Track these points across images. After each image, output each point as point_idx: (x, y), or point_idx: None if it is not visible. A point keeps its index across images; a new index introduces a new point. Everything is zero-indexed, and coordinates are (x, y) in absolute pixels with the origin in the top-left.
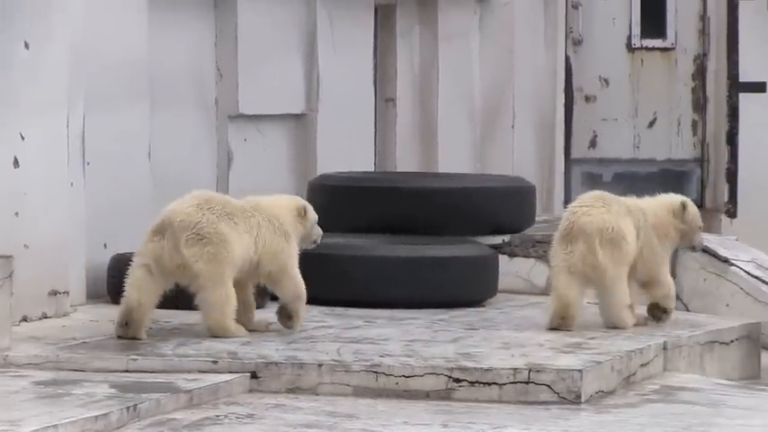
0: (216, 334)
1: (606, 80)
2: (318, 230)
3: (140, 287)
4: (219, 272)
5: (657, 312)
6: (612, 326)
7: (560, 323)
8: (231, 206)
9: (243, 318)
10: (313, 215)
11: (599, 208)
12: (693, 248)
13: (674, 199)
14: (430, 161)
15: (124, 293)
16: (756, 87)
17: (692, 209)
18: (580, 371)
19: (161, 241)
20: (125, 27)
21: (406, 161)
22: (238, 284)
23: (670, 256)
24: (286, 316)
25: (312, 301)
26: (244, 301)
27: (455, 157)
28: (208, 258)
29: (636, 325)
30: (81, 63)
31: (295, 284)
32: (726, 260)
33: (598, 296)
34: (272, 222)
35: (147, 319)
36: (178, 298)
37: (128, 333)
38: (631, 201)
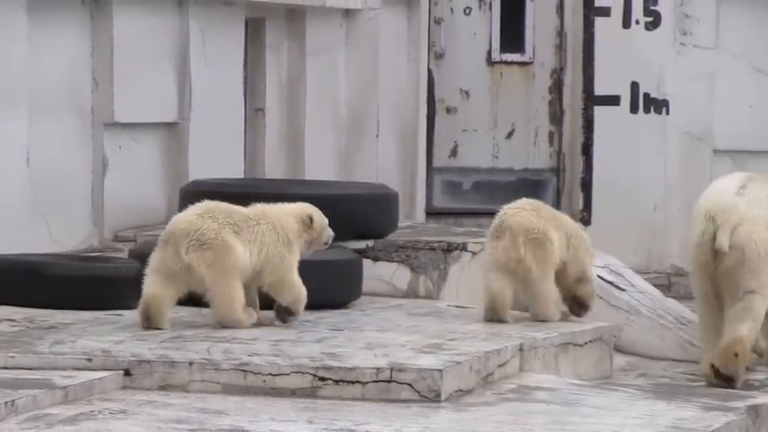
0: (227, 325)
1: (467, 92)
2: (329, 233)
3: (153, 284)
4: (222, 272)
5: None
6: (539, 319)
7: (492, 315)
8: (237, 215)
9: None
10: (320, 222)
11: (529, 211)
12: None
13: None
14: (297, 169)
15: (142, 293)
16: (611, 101)
17: None
18: (440, 370)
19: (166, 250)
20: (5, 37)
21: (274, 169)
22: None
23: None
24: (285, 311)
25: (183, 302)
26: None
27: (322, 165)
28: (208, 262)
29: (561, 320)
30: None
31: (294, 291)
32: None
33: (524, 291)
34: (277, 231)
35: (165, 311)
36: None
37: (150, 325)
38: (563, 216)
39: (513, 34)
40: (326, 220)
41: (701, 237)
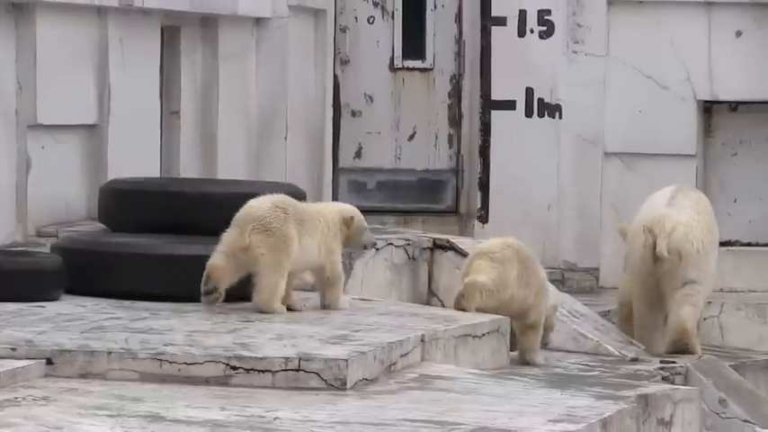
0: (262, 311)
1: (371, 97)
2: (369, 237)
3: (217, 259)
4: (278, 260)
5: None
6: None
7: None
8: (305, 214)
9: (285, 299)
10: (359, 224)
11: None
12: None
13: None
14: (211, 169)
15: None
16: (507, 105)
17: None
18: (346, 360)
19: (234, 230)
20: None
21: (189, 169)
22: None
23: None
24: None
25: (102, 294)
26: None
27: (234, 166)
28: (269, 247)
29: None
30: None
31: (339, 287)
32: None
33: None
34: (330, 228)
35: (225, 281)
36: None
37: (209, 291)
38: None
39: (414, 42)
40: (366, 225)
41: (642, 249)
